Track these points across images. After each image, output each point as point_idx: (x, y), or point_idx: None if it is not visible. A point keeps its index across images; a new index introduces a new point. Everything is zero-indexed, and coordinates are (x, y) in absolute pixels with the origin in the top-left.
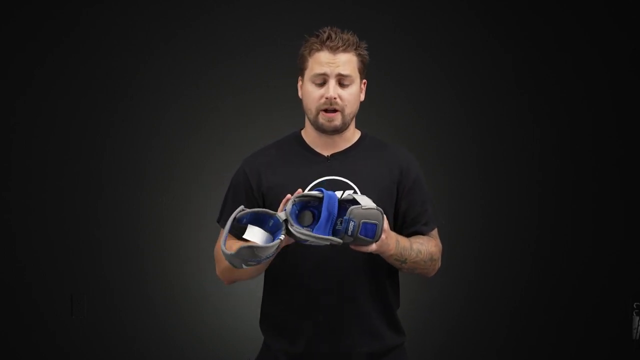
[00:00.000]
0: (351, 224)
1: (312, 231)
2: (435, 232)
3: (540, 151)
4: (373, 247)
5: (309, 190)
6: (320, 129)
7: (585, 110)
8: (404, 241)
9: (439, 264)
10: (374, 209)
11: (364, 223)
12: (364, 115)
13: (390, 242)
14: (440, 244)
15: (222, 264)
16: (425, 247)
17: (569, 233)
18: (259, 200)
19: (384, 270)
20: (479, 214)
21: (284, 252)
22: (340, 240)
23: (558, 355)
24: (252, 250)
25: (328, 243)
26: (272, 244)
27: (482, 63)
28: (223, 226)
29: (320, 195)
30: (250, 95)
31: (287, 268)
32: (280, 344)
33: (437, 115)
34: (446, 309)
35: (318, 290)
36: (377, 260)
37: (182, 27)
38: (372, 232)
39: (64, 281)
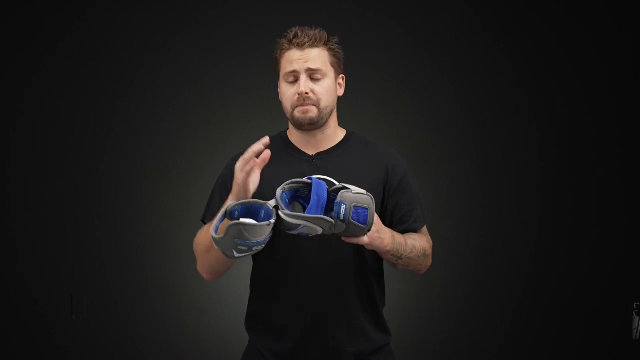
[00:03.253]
0: (343, 207)
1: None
2: (425, 229)
3: (541, 151)
4: (365, 239)
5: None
6: (298, 125)
7: (585, 111)
8: (398, 237)
9: (430, 260)
10: (364, 194)
11: (355, 207)
12: (365, 114)
13: (386, 236)
14: (430, 240)
15: (202, 257)
16: (418, 242)
17: (569, 233)
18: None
19: (372, 271)
20: (479, 214)
21: (272, 252)
22: (332, 221)
23: (558, 355)
24: (240, 228)
25: (320, 231)
26: (261, 223)
27: (482, 63)
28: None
29: (309, 181)
30: (251, 95)
31: (275, 267)
32: (267, 343)
33: (437, 115)
34: (446, 309)
35: (307, 289)
36: (365, 261)
37: (183, 27)
38: (364, 217)
39: (64, 281)
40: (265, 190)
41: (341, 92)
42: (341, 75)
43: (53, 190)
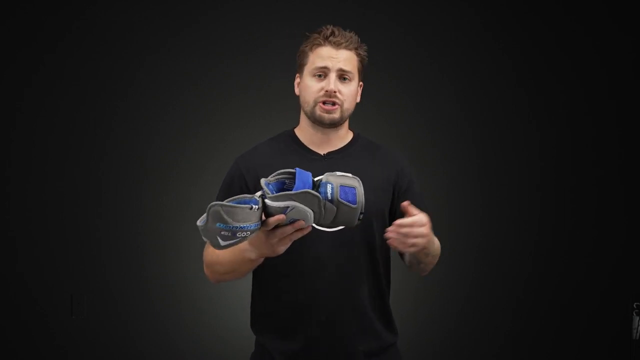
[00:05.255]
0: (328, 187)
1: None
2: None
3: (541, 151)
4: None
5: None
6: (318, 122)
7: (585, 111)
8: (432, 236)
9: None
10: (349, 176)
11: (341, 186)
12: (365, 114)
13: (430, 237)
14: None
15: (209, 264)
16: (436, 240)
17: (570, 233)
18: None
19: (382, 270)
20: (479, 214)
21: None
22: (319, 195)
23: (558, 355)
24: (219, 210)
25: (310, 214)
26: (239, 205)
27: (482, 63)
28: None
29: (294, 171)
30: (251, 95)
31: (285, 267)
32: (277, 343)
33: (437, 115)
34: (446, 310)
35: (318, 289)
36: (377, 260)
37: (183, 27)
38: (352, 195)
39: (64, 281)
40: None
41: (358, 98)
42: (360, 83)
43: (53, 190)
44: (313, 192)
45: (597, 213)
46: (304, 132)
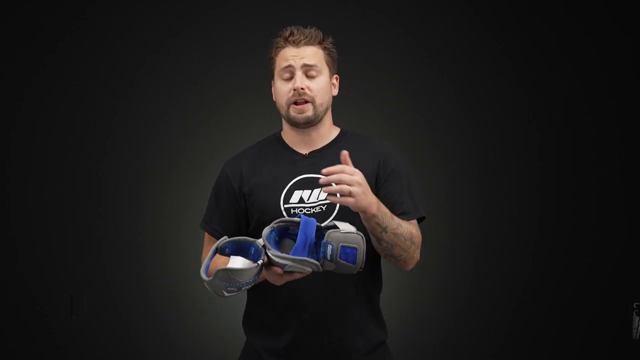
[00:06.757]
0: (329, 247)
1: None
2: (415, 222)
3: (541, 151)
4: (350, 200)
5: (287, 198)
6: (293, 123)
7: (585, 111)
8: (384, 208)
9: (417, 254)
10: (353, 233)
11: (342, 247)
12: (365, 114)
13: (372, 199)
14: (420, 234)
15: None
16: (405, 224)
17: (570, 233)
18: (241, 202)
19: (369, 269)
20: (479, 214)
21: None
22: (318, 263)
23: (558, 355)
24: (228, 273)
25: (308, 269)
26: (248, 267)
27: (482, 63)
28: (205, 230)
29: (298, 220)
30: (251, 95)
31: None
32: (264, 341)
33: (437, 115)
34: (446, 310)
35: (303, 288)
36: None
37: (183, 27)
38: (352, 256)
39: (64, 281)
40: (260, 191)
41: (335, 92)
42: (335, 75)
43: (53, 190)
44: (311, 260)
45: (597, 213)
46: (287, 135)
